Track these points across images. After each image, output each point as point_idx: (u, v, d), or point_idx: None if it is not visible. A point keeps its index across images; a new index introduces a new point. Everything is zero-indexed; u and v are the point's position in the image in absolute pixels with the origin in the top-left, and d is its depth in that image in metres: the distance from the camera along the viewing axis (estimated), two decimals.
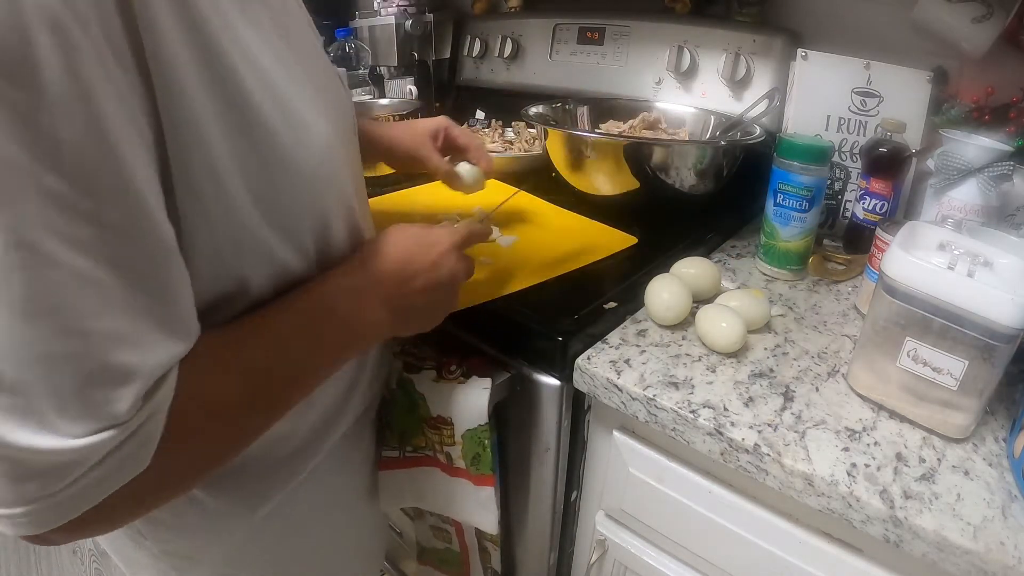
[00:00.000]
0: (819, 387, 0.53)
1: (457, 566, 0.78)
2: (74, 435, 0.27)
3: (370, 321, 0.42)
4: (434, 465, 0.63)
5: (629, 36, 1.02)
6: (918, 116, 0.75)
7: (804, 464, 0.45)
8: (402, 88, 1.24)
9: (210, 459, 0.36)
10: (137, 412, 0.29)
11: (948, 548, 0.39)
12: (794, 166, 0.66)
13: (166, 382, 0.31)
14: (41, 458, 0.27)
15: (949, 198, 0.63)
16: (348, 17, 1.31)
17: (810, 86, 0.78)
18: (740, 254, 0.79)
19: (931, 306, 0.45)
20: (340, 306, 0.40)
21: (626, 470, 0.58)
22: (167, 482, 0.34)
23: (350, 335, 0.42)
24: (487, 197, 0.83)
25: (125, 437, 0.29)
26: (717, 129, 0.89)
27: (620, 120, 0.94)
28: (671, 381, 0.53)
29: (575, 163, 0.79)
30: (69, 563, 1.48)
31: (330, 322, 0.40)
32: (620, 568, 0.65)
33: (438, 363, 0.60)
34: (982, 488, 0.43)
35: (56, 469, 0.28)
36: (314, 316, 0.39)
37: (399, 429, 0.63)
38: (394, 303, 0.44)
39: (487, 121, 1.14)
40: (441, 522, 0.76)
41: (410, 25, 1.18)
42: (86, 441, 0.27)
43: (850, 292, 0.70)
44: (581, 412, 0.62)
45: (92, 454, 0.28)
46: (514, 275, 0.64)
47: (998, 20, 0.69)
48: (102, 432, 0.28)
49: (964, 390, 0.45)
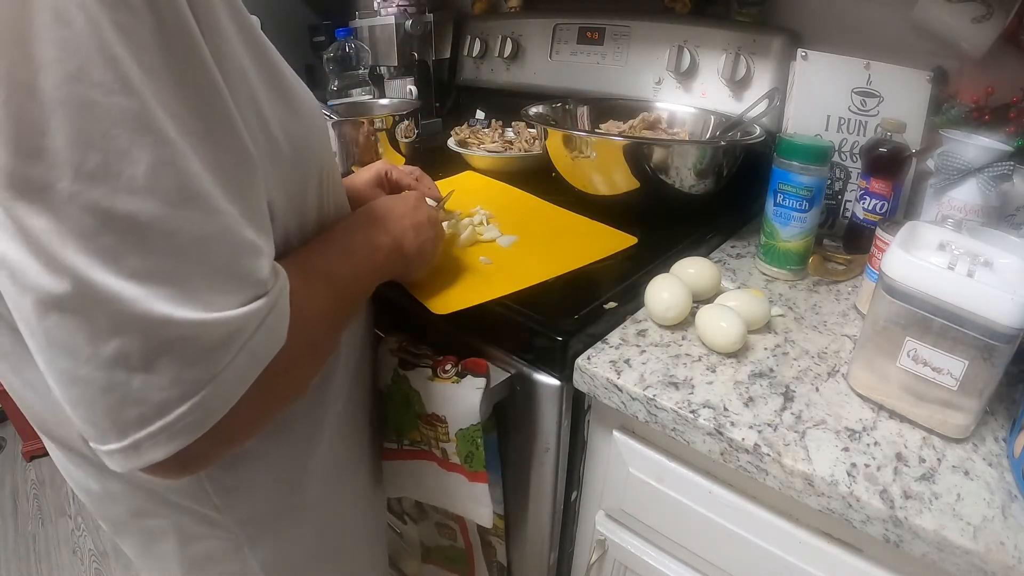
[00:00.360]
0: (819, 387, 0.53)
1: (462, 563, 0.79)
2: (231, 307, 0.31)
3: (381, 244, 0.50)
4: (430, 459, 0.64)
5: (629, 36, 1.02)
6: (918, 116, 0.75)
7: (804, 464, 0.45)
8: (402, 88, 1.24)
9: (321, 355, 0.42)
10: (276, 281, 0.33)
11: (948, 548, 0.39)
12: (794, 166, 0.66)
13: (280, 268, 0.35)
14: (207, 332, 0.30)
15: (949, 198, 0.63)
16: (348, 17, 1.31)
17: (810, 86, 0.78)
18: (740, 254, 0.79)
19: (931, 306, 0.45)
20: (357, 233, 0.49)
21: (626, 470, 0.58)
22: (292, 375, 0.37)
23: (371, 249, 0.49)
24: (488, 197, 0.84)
25: (270, 308, 0.32)
26: (717, 129, 0.89)
27: (620, 120, 0.94)
28: (671, 381, 0.53)
29: (575, 163, 0.79)
30: (69, 563, 1.48)
31: (356, 239, 0.48)
32: (620, 568, 0.65)
33: (434, 361, 0.61)
34: (982, 488, 0.43)
35: (221, 342, 0.30)
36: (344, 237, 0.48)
37: (395, 424, 0.64)
38: (392, 233, 0.52)
39: (487, 121, 1.14)
40: (446, 519, 0.76)
41: (410, 25, 1.18)
42: (242, 311, 0.31)
43: (850, 292, 0.70)
44: (581, 412, 0.62)
45: (248, 322, 0.31)
46: (515, 275, 0.64)
47: (998, 20, 0.69)
48: (252, 303, 0.31)
49: (964, 390, 0.45)
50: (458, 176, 0.98)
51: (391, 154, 0.96)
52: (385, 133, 0.94)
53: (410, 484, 0.67)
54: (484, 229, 0.74)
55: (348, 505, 0.62)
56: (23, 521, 1.60)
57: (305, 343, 0.38)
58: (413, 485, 0.67)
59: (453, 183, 0.95)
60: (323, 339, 0.42)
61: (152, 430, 0.30)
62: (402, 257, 0.53)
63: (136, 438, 0.30)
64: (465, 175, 0.98)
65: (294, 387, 0.39)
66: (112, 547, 1.52)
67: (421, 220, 0.56)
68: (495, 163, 0.99)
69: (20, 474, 1.76)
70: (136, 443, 0.30)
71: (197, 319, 0.29)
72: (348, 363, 0.57)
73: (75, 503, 1.65)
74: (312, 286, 0.40)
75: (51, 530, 1.58)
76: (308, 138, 0.42)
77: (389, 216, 0.53)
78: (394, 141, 0.95)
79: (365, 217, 0.52)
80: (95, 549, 1.52)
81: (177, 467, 0.32)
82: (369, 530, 0.68)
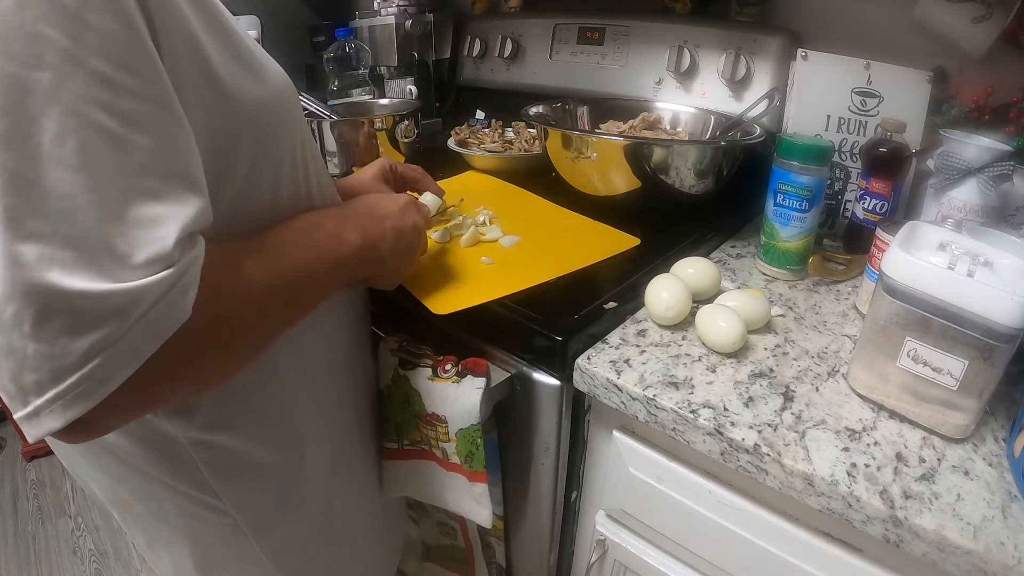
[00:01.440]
0: (819, 387, 0.53)
1: (462, 563, 0.79)
2: (130, 277, 0.30)
3: (350, 239, 0.48)
4: (431, 459, 0.64)
5: (629, 36, 1.02)
6: (918, 116, 0.75)
7: (804, 464, 0.45)
8: (402, 88, 1.24)
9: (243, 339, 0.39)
10: (188, 253, 0.32)
11: (948, 548, 0.39)
12: (794, 166, 0.66)
13: (199, 240, 0.34)
14: (101, 302, 0.29)
15: (949, 198, 0.63)
16: (348, 17, 1.31)
17: (810, 86, 0.78)
18: (740, 254, 0.79)
19: (931, 306, 0.45)
20: (327, 222, 0.47)
21: (626, 470, 0.58)
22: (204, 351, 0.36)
23: (337, 244, 0.47)
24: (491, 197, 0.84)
25: (174, 281, 0.31)
26: (717, 129, 0.89)
27: (620, 120, 0.94)
28: (671, 381, 0.53)
29: (575, 163, 0.79)
30: (69, 563, 1.48)
31: (322, 232, 0.46)
32: (620, 568, 0.65)
33: (434, 361, 0.61)
34: (982, 488, 0.43)
35: (114, 313, 0.30)
36: (308, 228, 0.46)
37: (395, 423, 0.64)
38: (368, 232, 0.50)
39: (487, 121, 1.14)
40: (447, 518, 0.76)
41: (410, 25, 1.18)
42: (140, 282, 0.30)
43: (850, 292, 0.70)
44: (581, 412, 0.62)
45: (146, 294, 0.30)
46: (516, 276, 0.64)
47: (998, 20, 0.69)
48: (153, 275, 0.31)
49: (964, 390, 0.45)
50: (461, 176, 0.98)
51: (391, 154, 0.96)
52: (385, 133, 0.94)
53: (410, 484, 0.67)
54: (486, 229, 0.74)
55: (352, 495, 0.62)
56: (23, 521, 1.61)
57: (220, 321, 0.36)
58: (413, 485, 0.67)
59: (456, 182, 0.95)
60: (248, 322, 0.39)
61: (48, 397, 0.30)
62: (376, 258, 0.51)
63: (36, 404, 0.30)
64: (468, 175, 0.98)
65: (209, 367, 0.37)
66: (112, 547, 1.52)
67: (404, 225, 0.54)
68: (495, 163, 0.99)
69: (20, 474, 1.76)
70: (36, 410, 0.30)
71: (89, 289, 0.29)
72: (343, 360, 0.57)
73: (75, 503, 1.66)
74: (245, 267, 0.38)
75: (51, 530, 1.58)
76: (273, 105, 0.42)
77: (371, 214, 0.52)
78: (394, 141, 0.95)
79: (343, 209, 0.51)
80: (95, 549, 1.52)
81: (78, 434, 0.32)
82: (376, 518, 0.69)
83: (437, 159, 1.03)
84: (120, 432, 0.44)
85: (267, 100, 0.42)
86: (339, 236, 0.47)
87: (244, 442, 0.48)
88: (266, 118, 0.42)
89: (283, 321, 0.43)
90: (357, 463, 0.63)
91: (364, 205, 0.53)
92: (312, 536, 0.57)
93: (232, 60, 0.39)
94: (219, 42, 0.38)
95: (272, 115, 0.42)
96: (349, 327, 0.58)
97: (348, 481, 0.61)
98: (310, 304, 0.45)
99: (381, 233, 0.51)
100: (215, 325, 0.35)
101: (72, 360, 0.29)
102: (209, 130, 0.37)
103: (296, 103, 0.47)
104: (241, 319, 0.38)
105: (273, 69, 0.44)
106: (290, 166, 0.45)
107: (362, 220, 0.50)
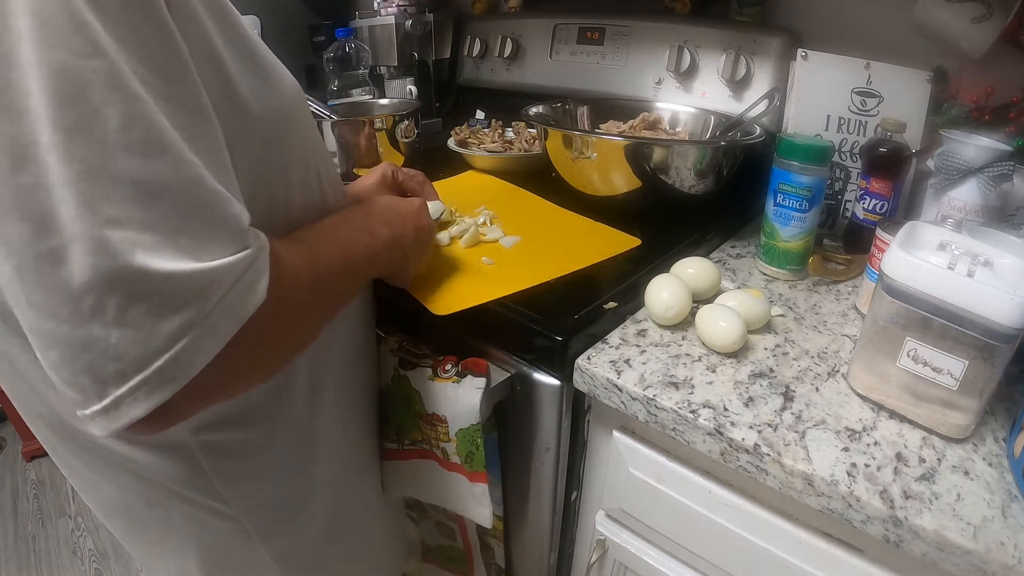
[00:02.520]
0: (819, 387, 0.53)
1: (462, 563, 0.79)
2: (210, 257, 0.31)
3: (382, 233, 0.50)
4: (431, 459, 0.64)
5: (629, 36, 1.02)
6: (918, 116, 0.75)
7: (804, 464, 0.45)
8: (402, 88, 1.24)
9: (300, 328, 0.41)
10: (257, 239, 0.33)
11: (948, 548, 0.39)
12: (794, 166, 0.66)
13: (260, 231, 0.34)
14: (184, 283, 0.30)
15: (949, 198, 0.63)
16: (348, 17, 1.31)
17: (810, 86, 0.78)
18: (740, 254, 0.79)
19: (931, 306, 0.45)
20: (355, 219, 0.50)
21: (626, 470, 0.58)
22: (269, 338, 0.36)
23: (368, 237, 0.49)
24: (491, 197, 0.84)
25: (251, 262, 0.32)
26: (717, 129, 0.89)
27: (620, 120, 0.94)
28: (671, 381, 0.53)
29: (575, 163, 0.79)
30: (69, 563, 1.48)
31: (350, 227, 0.48)
32: (620, 568, 0.65)
33: (434, 361, 0.61)
34: (982, 488, 0.43)
35: (198, 294, 0.30)
36: (338, 225, 0.47)
37: (396, 423, 0.64)
38: (395, 228, 0.52)
39: (487, 121, 1.14)
40: (446, 519, 0.76)
41: (410, 25, 1.18)
42: (221, 262, 0.31)
43: (850, 292, 0.70)
44: (581, 412, 0.62)
45: (227, 274, 0.31)
46: (516, 276, 0.64)
47: (998, 20, 0.69)
48: (231, 256, 0.31)
49: (964, 390, 0.45)
50: (461, 175, 0.98)
51: (391, 154, 0.96)
52: (385, 133, 0.94)
53: (410, 484, 0.67)
54: (487, 230, 0.74)
55: (357, 497, 0.62)
56: (23, 521, 1.61)
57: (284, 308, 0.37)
58: (413, 485, 0.67)
59: (456, 182, 0.95)
60: (304, 311, 0.40)
61: (132, 384, 0.30)
62: (401, 254, 0.54)
63: (117, 395, 0.30)
64: (468, 175, 0.98)
65: (271, 354, 0.38)
66: (112, 547, 1.52)
67: (423, 224, 0.57)
68: (495, 163, 0.99)
69: (20, 474, 1.76)
70: (117, 400, 0.30)
71: (173, 270, 0.29)
72: (349, 360, 0.57)
73: (75, 503, 1.65)
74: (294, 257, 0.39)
75: (51, 530, 1.58)
76: (284, 112, 0.43)
77: (394, 212, 0.54)
78: (394, 141, 0.95)
79: (369, 206, 0.53)
80: (95, 549, 1.53)
81: (156, 423, 0.32)
82: (381, 519, 0.69)
83: (437, 159, 1.03)
84: (127, 440, 0.44)
85: (279, 108, 0.42)
86: (370, 231, 0.49)
87: (251, 443, 0.47)
88: (278, 125, 0.42)
89: (326, 313, 0.45)
90: (363, 464, 0.64)
91: (384, 204, 0.55)
92: (319, 539, 0.57)
93: (248, 71, 0.39)
94: (236, 52, 0.38)
95: (283, 123, 0.43)
96: (357, 328, 0.58)
97: (354, 482, 0.61)
98: (348, 297, 0.48)
99: (405, 230, 0.54)
100: (281, 312, 0.36)
101: (159, 343, 0.30)
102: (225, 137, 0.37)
103: (306, 109, 0.47)
104: (297, 307, 0.39)
105: (285, 76, 0.44)
106: (301, 171, 0.45)
107: (387, 217, 0.53)
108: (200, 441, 0.45)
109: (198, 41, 0.35)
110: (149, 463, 0.45)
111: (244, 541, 0.51)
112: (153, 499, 0.48)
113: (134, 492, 0.48)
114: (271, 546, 0.52)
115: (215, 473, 0.46)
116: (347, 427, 0.59)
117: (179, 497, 0.47)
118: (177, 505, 0.48)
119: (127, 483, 0.47)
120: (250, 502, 0.50)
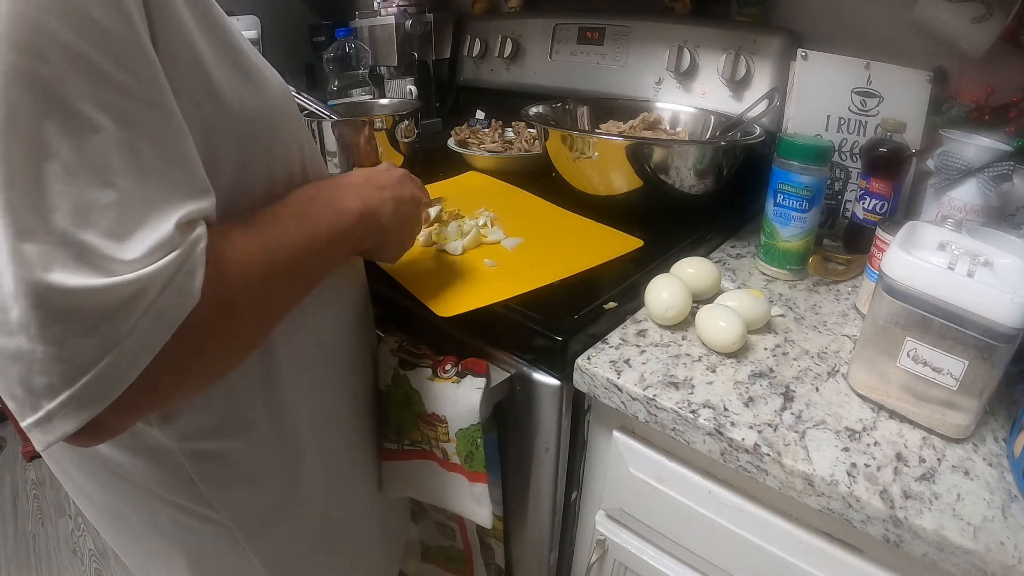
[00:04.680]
0: (819, 387, 0.53)
1: (461, 564, 0.79)
2: (133, 269, 0.29)
3: (350, 207, 0.47)
4: (431, 459, 0.64)
5: (629, 36, 1.02)
6: (918, 116, 0.75)
7: (804, 464, 0.45)
8: (402, 88, 1.24)
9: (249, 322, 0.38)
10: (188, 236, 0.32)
11: (948, 548, 0.39)
12: (794, 166, 0.66)
13: (199, 223, 0.33)
14: (107, 297, 0.29)
15: (949, 198, 0.63)
16: (348, 17, 1.31)
17: (810, 86, 0.78)
18: (740, 254, 0.79)
19: (931, 306, 0.45)
20: (322, 194, 0.47)
21: (626, 470, 0.58)
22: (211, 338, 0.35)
23: (334, 214, 0.46)
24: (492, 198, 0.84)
25: (179, 265, 0.31)
26: (717, 129, 0.89)
27: (620, 120, 0.94)
28: (671, 381, 0.53)
29: (575, 163, 0.79)
30: (69, 563, 1.48)
31: (316, 203, 0.45)
32: (620, 568, 0.65)
33: (434, 361, 0.61)
34: (982, 488, 0.43)
35: (119, 307, 0.29)
36: (303, 201, 0.45)
37: (395, 423, 0.64)
38: (368, 200, 0.49)
39: (487, 121, 1.14)
40: (446, 519, 0.76)
41: (410, 25, 1.18)
42: (142, 272, 0.29)
43: (850, 292, 0.70)
44: (581, 412, 0.62)
45: (152, 282, 0.30)
46: (519, 278, 0.63)
47: (998, 20, 0.69)
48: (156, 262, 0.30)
49: (964, 390, 0.45)
50: (462, 176, 0.98)
51: (391, 154, 0.96)
52: (385, 133, 0.94)
53: (410, 484, 0.67)
54: (488, 231, 0.74)
55: (350, 500, 0.62)
56: (23, 521, 1.60)
57: (226, 304, 0.35)
58: (413, 485, 0.67)
59: (457, 182, 0.95)
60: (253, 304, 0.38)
61: (61, 399, 0.29)
62: (378, 228, 0.50)
63: (49, 408, 0.29)
64: (468, 175, 0.98)
65: (217, 355, 0.36)
66: (112, 547, 1.52)
67: (403, 195, 0.54)
68: (495, 163, 0.99)
69: (20, 474, 1.76)
70: (49, 414, 0.29)
71: (93, 285, 0.28)
72: (343, 365, 0.57)
73: (75, 503, 1.65)
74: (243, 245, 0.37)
75: (51, 530, 1.58)
76: (270, 115, 0.42)
77: (367, 184, 0.51)
78: (394, 141, 0.95)
79: (341, 179, 0.50)
80: (95, 549, 1.52)
81: (91, 437, 0.31)
82: (376, 522, 0.68)
83: (437, 159, 1.03)
84: (112, 444, 0.43)
85: (265, 110, 0.42)
86: (335, 206, 0.46)
87: (239, 451, 0.47)
88: (263, 126, 0.42)
89: (287, 300, 0.42)
90: (356, 467, 0.63)
91: (360, 177, 0.52)
92: (310, 543, 0.56)
93: (231, 70, 0.39)
94: (219, 52, 0.38)
95: (269, 124, 0.43)
96: (348, 329, 0.57)
97: (346, 486, 0.61)
98: (314, 279, 0.45)
99: (381, 201, 0.51)
100: (222, 309, 0.34)
101: (83, 360, 0.29)
102: (204, 135, 0.37)
103: (295, 113, 0.47)
104: (246, 301, 0.37)
105: (272, 78, 0.44)
106: (285, 174, 0.45)
107: (361, 190, 0.50)
108: (185, 449, 0.44)
109: (178, 39, 0.35)
110: (135, 467, 0.44)
111: (232, 546, 0.50)
112: (140, 503, 0.47)
113: (120, 495, 0.47)
114: (260, 551, 0.52)
115: (201, 479, 0.46)
116: (340, 432, 0.59)
117: (165, 501, 0.47)
118: (164, 509, 0.47)
119: (114, 486, 0.47)
120: (237, 507, 0.49)
